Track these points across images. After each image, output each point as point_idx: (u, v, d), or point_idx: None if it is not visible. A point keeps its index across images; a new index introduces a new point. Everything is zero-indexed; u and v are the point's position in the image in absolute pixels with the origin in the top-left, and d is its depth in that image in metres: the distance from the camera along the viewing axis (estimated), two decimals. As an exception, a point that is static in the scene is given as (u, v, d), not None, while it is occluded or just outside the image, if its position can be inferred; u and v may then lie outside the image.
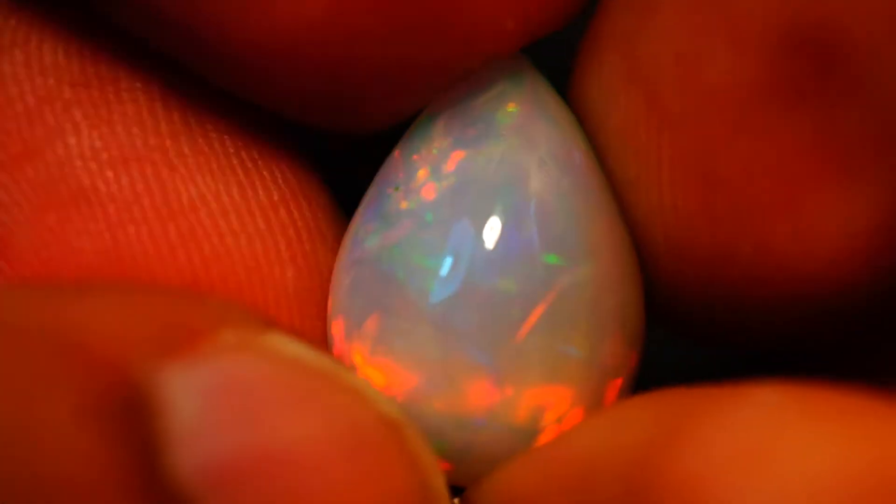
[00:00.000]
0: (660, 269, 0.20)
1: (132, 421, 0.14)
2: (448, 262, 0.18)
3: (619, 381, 0.19)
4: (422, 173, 0.19)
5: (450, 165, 0.19)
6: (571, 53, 0.21)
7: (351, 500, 0.16)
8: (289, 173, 0.21)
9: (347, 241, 0.20)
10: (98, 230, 0.19)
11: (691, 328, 0.21)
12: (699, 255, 0.19)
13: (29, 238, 0.19)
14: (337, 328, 0.19)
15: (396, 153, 0.20)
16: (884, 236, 0.18)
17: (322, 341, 0.20)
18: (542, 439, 0.18)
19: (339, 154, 0.22)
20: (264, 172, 0.20)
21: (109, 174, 0.19)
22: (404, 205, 0.19)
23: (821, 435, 0.14)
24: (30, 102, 0.19)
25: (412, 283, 0.18)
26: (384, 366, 0.19)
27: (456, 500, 0.19)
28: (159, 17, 0.19)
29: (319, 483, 0.15)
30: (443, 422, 0.18)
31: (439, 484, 0.17)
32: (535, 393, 0.18)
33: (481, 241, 0.18)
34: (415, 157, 0.20)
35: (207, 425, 0.15)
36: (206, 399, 0.15)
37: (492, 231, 0.18)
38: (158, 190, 0.19)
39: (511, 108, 0.19)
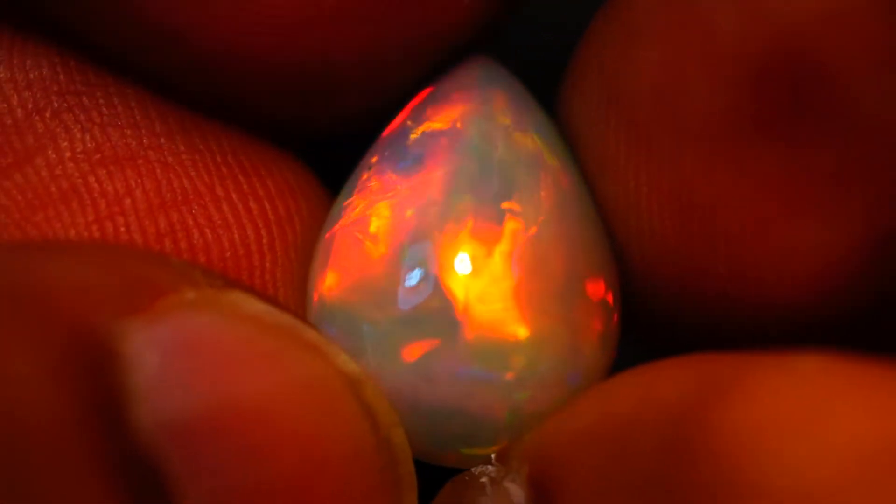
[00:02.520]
0: (637, 290, 0.20)
1: (95, 375, 0.15)
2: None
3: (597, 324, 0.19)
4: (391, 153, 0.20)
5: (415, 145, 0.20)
6: (557, 73, 0.21)
7: (310, 453, 0.16)
8: (285, 170, 0.21)
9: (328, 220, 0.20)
10: (86, 223, 0.19)
11: (668, 344, 0.22)
12: (675, 278, 0.19)
13: (15, 238, 0.19)
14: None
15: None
16: (855, 263, 0.18)
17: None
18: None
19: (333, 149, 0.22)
20: (259, 169, 0.21)
21: (101, 172, 0.20)
22: (375, 182, 0.19)
23: (864, 402, 0.14)
24: (18, 115, 0.20)
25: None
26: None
27: (492, 454, 0.19)
28: (137, 29, 0.19)
29: (280, 437, 0.16)
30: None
31: (399, 438, 0.17)
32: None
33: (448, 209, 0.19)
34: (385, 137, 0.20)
35: (169, 381, 0.15)
36: (167, 355, 0.15)
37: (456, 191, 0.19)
38: (151, 184, 0.20)
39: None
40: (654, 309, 0.20)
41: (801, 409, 0.14)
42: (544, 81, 0.21)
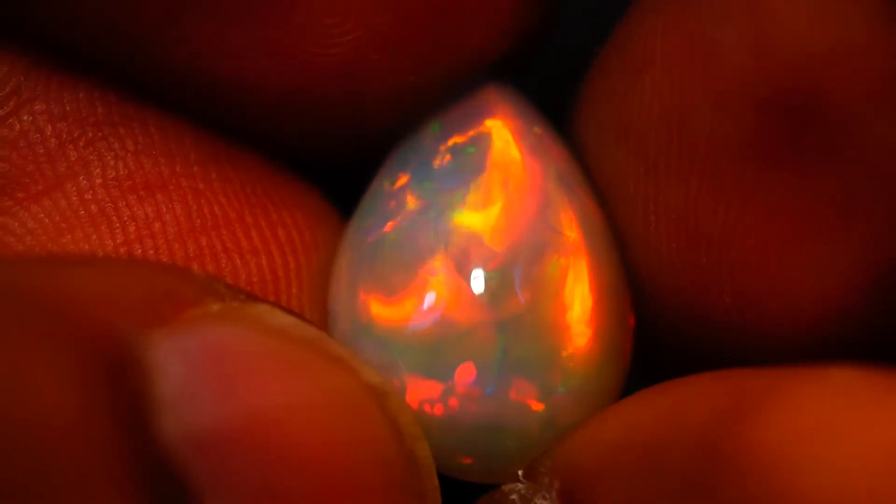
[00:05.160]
0: (645, 312, 0.20)
1: (120, 385, 0.15)
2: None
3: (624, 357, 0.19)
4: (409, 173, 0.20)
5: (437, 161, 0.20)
6: (565, 100, 0.22)
7: (333, 465, 0.16)
8: (309, 200, 0.21)
9: (346, 238, 0.20)
10: (114, 246, 0.20)
11: (674, 368, 0.22)
12: (682, 303, 0.20)
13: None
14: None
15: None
16: (857, 290, 0.18)
17: None
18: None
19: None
20: (287, 199, 0.21)
21: (132, 197, 0.20)
22: (393, 203, 0.20)
23: (891, 412, 0.14)
24: (51, 145, 0.20)
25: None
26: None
27: (520, 471, 0.19)
28: (190, 80, 0.20)
29: (304, 448, 0.16)
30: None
31: (423, 451, 0.17)
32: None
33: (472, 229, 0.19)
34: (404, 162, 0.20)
35: (193, 391, 0.15)
36: (192, 365, 0.15)
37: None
38: (181, 209, 0.20)
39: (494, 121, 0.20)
40: (661, 330, 0.20)
41: (832, 420, 0.14)
42: (554, 108, 0.21)
